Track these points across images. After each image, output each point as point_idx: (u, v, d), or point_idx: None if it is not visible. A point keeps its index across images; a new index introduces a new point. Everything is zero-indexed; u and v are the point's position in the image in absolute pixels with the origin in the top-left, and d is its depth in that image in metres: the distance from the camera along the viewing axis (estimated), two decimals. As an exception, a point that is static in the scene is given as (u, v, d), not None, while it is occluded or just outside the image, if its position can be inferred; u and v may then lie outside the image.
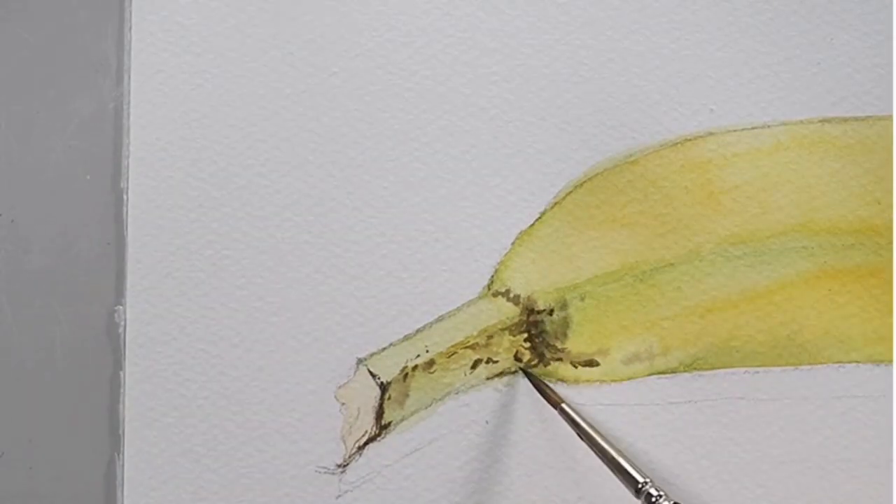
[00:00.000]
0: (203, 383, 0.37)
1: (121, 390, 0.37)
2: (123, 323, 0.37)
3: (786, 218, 0.38)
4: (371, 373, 0.37)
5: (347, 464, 0.37)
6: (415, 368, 0.37)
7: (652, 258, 0.37)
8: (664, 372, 0.37)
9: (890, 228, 0.37)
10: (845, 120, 0.38)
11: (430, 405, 0.37)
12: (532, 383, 0.37)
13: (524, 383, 0.37)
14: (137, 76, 0.38)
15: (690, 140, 0.38)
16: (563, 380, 0.37)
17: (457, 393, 0.37)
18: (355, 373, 0.37)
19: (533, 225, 0.38)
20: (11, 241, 0.38)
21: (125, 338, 0.37)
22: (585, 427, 0.35)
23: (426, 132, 0.38)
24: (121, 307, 0.37)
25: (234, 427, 0.37)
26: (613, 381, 0.37)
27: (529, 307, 0.37)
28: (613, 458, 0.34)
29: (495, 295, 0.37)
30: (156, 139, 0.38)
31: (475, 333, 0.37)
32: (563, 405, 0.36)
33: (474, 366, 0.37)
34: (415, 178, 0.38)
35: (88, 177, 0.38)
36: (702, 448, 0.37)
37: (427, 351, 0.37)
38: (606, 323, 0.37)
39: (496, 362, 0.37)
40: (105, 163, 0.38)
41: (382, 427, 0.37)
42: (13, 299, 0.38)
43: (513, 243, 0.38)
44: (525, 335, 0.37)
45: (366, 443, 0.37)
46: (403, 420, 0.37)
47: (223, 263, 0.38)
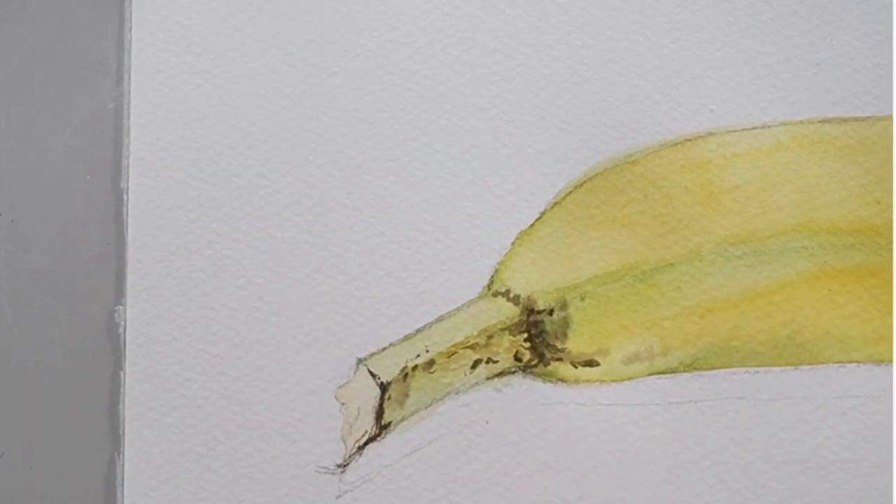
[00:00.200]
0: (203, 383, 0.37)
1: (121, 390, 0.37)
2: (123, 323, 0.37)
3: (786, 218, 0.38)
4: (371, 373, 0.37)
5: (347, 464, 0.37)
6: (415, 368, 0.37)
7: (652, 258, 0.37)
8: (664, 372, 0.37)
9: (890, 228, 0.37)
10: (845, 120, 0.38)
11: (430, 405, 0.37)
12: None
13: (524, 383, 0.37)
14: (137, 76, 0.38)
15: (690, 140, 0.38)
16: (564, 380, 0.37)
17: (457, 393, 0.37)
18: (355, 373, 0.37)
19: (533, 225, 0.38)
20: (11, 241, 0.38)
21: (125, 338, 0.37)
22: None
23: (426, 132, 0.38)
24: (121, 307, 0.37)
25: (234, 427, 0.37)
26: (613, 381, 0.37)
27: (529, 307, 0.37)
28: None
29: (495, 295, 0.37)
30: (156, 139, 0.38)
31: (475, 333, 0.37)
32: None
33: (474, 366, 0.37)
34: (415, 178, 0.38)
35: (88, 177, 0.38)
36: (702, 448, 0.37)
37: (427, 351, 0.37)
38: (606, 323, 0.37)
39: (496, 362, 0.37)
40: (105, 163, 0.38)
41: (382, 427, 0.37)
42: (13, 299, 0.38)
43: (513, 243, 0.38)
44: (525, 335, 0.37)
45: (366, 443, 0.37)
46: (403, 420, 0.37)
47: (223, 263, 0.38)
